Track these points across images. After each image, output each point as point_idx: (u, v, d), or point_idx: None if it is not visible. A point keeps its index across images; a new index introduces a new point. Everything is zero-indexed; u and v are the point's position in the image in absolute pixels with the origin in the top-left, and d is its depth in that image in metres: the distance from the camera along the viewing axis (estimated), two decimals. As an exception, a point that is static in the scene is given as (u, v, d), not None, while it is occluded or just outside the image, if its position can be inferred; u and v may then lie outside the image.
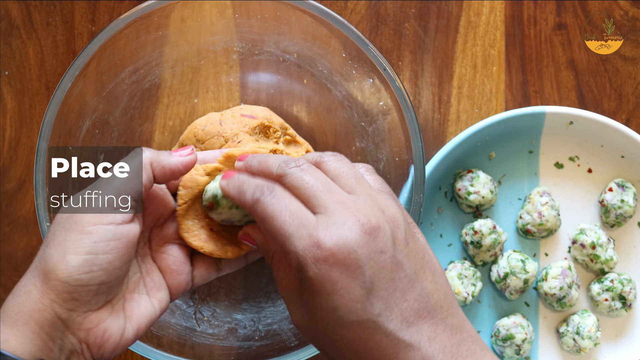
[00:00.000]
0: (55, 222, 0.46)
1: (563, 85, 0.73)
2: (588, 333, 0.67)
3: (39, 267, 0.45)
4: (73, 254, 0.44)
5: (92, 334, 0.45)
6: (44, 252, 0.45)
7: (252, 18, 0.64)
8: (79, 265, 0.44)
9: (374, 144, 0.65)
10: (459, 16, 0.73)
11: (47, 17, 0.72)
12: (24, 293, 0.44)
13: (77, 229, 0.45)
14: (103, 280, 0.45)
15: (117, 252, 0.46)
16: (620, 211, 0.69)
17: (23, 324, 0.43)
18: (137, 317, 0.48)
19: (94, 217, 0.45)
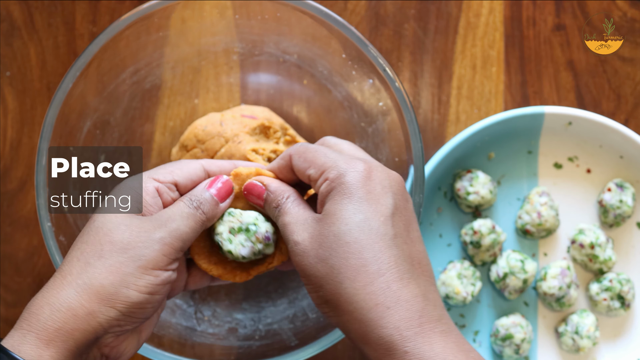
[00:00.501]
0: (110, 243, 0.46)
1: (562, 86, 0.73)
2: (587, 333, 0.67)
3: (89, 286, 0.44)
4: (136, 292, 0.45)
5: (115, 350, 0.46)
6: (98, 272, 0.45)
7: (252, 19, 0.64)
8: (139, 302, 0.45)
9: (374, 144, 0.65)
10: (458, 17, 0.73)
11: (48, 18, 0.72)
12: (67, 309, 0.44)
13: (144, 267, 0.45)
14: (148, 317, 0.47)
15: (166, 294, 0.47)
16: (619, 211, 0.69)
17: (62, 341, 0.43)
18: (146, 326, 0.49)
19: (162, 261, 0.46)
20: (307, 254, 0.46)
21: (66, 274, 0.45)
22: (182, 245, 0.48)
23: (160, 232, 0.47)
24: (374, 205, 0.45)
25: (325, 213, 0.46)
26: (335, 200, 0.45)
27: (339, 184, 0.46)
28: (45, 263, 0.70)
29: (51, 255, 0.56)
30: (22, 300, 0.70)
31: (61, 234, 0.58)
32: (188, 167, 0.52)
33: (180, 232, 0.47)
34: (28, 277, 0.70)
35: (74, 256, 0.46)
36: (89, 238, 0.47)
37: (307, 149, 0.49)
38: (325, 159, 0.47)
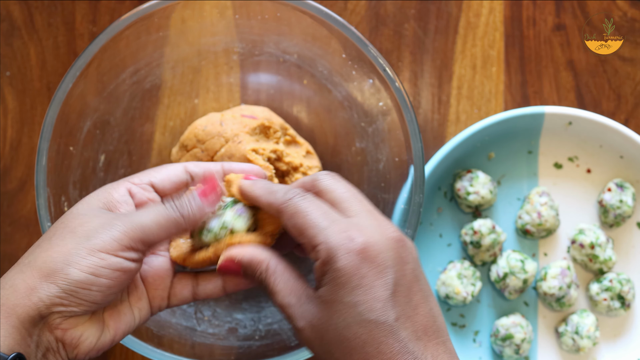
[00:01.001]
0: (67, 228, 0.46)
1: (562, 86, 0.73)
2: (587, 333, 0.67)
3: (34, 265, 0.45)
4: (77, 270, 0.44)
5: (69, 334, 0.45)
6: (45, 252, 0.45)
7: (252, 19, 0.64)
8: (79, 281, 0.44)
9: (374, 144, 0.65)
10: (458, 17, 0.73)
11: (48, 18, 0.72)
12: (9, 287, 0.44)
13: (90, 248, 0.45)
14: (97, 301, 0.45)
15: (118, 281, 0.46)
16: (619, 211, 0.69)
17: (4, 317, 0.43)
18: (117, 323, 0.48)
19: (112, 246, 0.45)
20: (312, 344, 0.45)
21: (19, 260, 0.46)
22: (142, 237, 0.46)
23: (119, 220, 0.46)
24: (369, 291, 0.43)
25: (321, 299, 0.44)
26: (330, 289, 0.44)
27: (331, 269, 0.43)
28: (45, 263, 0.70)
29: (51, 255, 0.56)
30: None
31: (61, 234, 0.58)
32: (167, 169, 0.52)
33: (141, 224, 0.46)
34: (28, 277, 0.70)
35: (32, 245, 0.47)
36: (48, 230, 0.47)
37: (298, 212, 0.45)
38: (315, 231, 0.44)
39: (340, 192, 0.48)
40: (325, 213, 0.45)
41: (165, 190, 0.52)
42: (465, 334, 0.70)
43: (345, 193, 0.48)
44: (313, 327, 0.44)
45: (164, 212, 0.47)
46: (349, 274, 0.43)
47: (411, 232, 0.58)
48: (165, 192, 0.52)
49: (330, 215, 0.45)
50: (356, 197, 0.47)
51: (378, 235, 0.45)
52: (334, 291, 0.43)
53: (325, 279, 0.44)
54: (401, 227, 0.59)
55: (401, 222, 0.60)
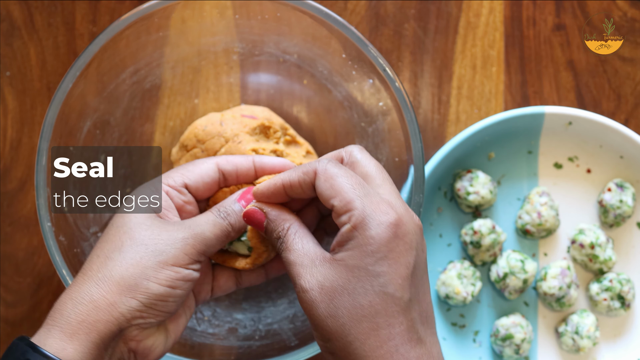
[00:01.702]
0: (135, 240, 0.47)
1: (562, 86, 0.73)
2: (587, 333, 0.67)
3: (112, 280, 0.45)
4: (156, 284, 0.46)
5: (142, 345, 0.47)
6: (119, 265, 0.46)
7: (252, 19, 0.64)
8: (159, 294, 0.46)
9: (374, 144, 0.65)
10: (458, 17, 0.73)
11: (48, 18, 0.72)
12: (88, 302, 0.45)
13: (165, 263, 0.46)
14: (172, 311, 0.47)
15: (188, 291, 0.48)
16: (619, 211, 0.69)
17: (85, 333, 0.44)
18: (176, 327, 0.50)
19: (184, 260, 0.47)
20: (316, 305, 0.44)
21: (87, 270, 0.47)
22: (205, 249, 0.48)
23: (183, 232, 0.48)
24: (393, 266, 0.43)
25: (340, 263, 0.44)
26: (354, 254, 0.44)
27: (361, 235, 0.44)
28: (45, 263, 0.70)
29: (51, 255, 0.56)
30: (22, 300, 0.70)
31: (61, 234, 0.58)
32: (200, 168, 0.53)
33: (204, 237, 0.48)
34: (28, 277, 0.70)
35: (94, 254, 0.48)
36: (109, 237, 0.48)
37: (336, 175, 0.46)
38: (352, 195, 0.45)
39: (373, 168, 0.48)
40: (360, 183, 0.46)
41: (198, 191, 0.53)
42: (465, 334, 0.70)
43: (378, 170, 0.48)
44: (323, 288, 0.44)
45: (219, 223, 0.49)
46: (379, 243, 0.43)
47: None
48: (198, 193, 0.53)
49: (366, 186, 0.46)
50: (387, 177, 0.48)
51: (408, 216, 0.45)
52: (359, 257, 0.43)
53: (351, 244, 0.44)
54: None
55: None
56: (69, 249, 0.58)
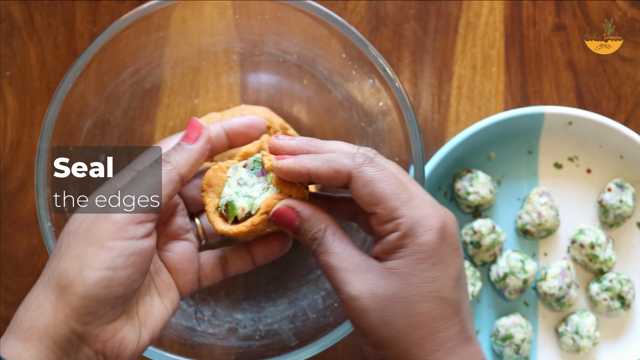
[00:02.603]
0: (70, 233, 0.45)
1: (562, 86, 0.73)
2: (587, 333, 0.67)
3: (52, 280, 0.44)
4: (91, 269, 0.43)
5: (109, 345, 0.44)
6: (57, 265, 0.44)
7: (252, 19, 0.64)
8: (97, 281, 0.43)
9: (374, 144, 0.65)
10: (458, 17, 0.73)
11: (48, 18, 0.72)
12: (36, 307, 0.43)
13: (96, 243, 0.43)
14: (121, 295, 0.44)
15: (136, 267, 0.44)
16: (619, 211, 0.69)
17: (37, 339, 0.42)
18: (152, 321, 0.47)
19: (113, 231, 0.43)
20: (367, 314, 0.43)
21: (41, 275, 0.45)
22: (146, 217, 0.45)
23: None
24: (445, 269, 0.43)
25: (393, 271, 0.43)
26: (407, 262, 0.43)
27: (412, 242, 0.43)
28: (45, 263, 0.70)
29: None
30: (22, 300, 0.69)
31: (61, 234, 0.58)
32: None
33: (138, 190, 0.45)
34: (28, 277, 0.70)
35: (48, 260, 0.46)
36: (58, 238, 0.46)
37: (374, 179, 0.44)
38: (397, 203, 0.43)
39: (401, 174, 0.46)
40: (402, 185, 0.44)
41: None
42: (465, 334, 0.70)
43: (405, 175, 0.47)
44: (376, 296, 0.43)
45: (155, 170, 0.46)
46: (430, 249, 0.43)
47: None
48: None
49: (407, 188, 0.45)
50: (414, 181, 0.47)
51: (448, 216, 0.45)
52: (413, 265, 0.43)
53: (403, 252, 0.43)
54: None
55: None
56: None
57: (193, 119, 0.49)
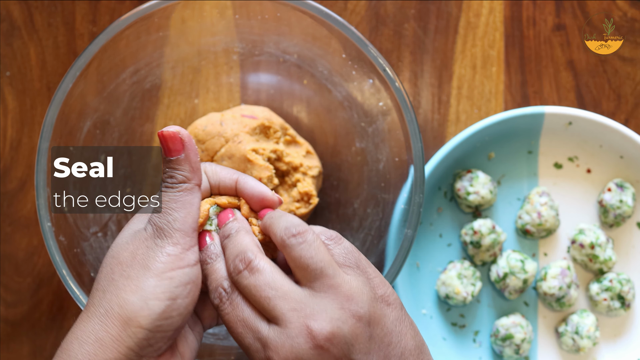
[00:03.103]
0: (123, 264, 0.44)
1: (562, 86, 0.73)
2: (587, 333, 0.67)
3: (112, 312, 0.43)
4: (156, 300, 0.42)
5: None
6: (117, 296, 0.43)
7: (252, 19, 0.64)
8: (162, 312, 0.42)
9: (374, 144, 0.65)
10: (458, 17, 0.73)
11: (48, 18, 0.72)
12: (94, 341, 0.42)
13: (156, 275, 0.43)
14: (179, 325, 0.44)
15: (192, 295, 0.44)
16: (619, 211, 0.69)
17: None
18: (189, 353, 0.47)
19: (170, 261, 0.44)
20: None
21: (89, 305, 0.44)
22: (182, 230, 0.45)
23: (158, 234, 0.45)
24: None
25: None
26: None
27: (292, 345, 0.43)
28: (45, 263, 0.70)
29: (51, 255, 0.56)
30: (22, 300, 0.70)
31: (61, 234, 0.58)
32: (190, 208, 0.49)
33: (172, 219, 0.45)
34: (28, 277, 0.70)
35: (95, 288, 0.45)
36: (103, 267, 0.46)
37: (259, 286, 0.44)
38: (279, 309, 0.43)
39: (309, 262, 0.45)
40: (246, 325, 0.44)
41: None
42: (465, 334, 0.70)
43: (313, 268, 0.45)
44: None
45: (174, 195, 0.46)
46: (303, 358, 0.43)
47: (411, 232, 0.58)
48: None
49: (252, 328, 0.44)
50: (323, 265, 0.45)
51: (300, 347, 0.43)
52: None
53: None
54: (401, 227, 0.59)
55: (401, 222, 0.60)
56: (69, 249, 0.58)
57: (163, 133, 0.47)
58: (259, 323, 0.44)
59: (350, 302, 0.43)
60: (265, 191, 0.49)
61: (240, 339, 0.44)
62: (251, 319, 0.44)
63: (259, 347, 0.43)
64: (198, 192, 0.47)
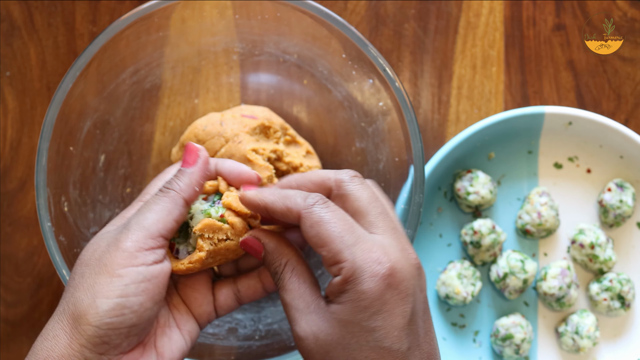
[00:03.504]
0: (83, 264, 0.45)
1: (562, 86, 0.73)
2: (587, 333, 0.67)
3: (67, 311, 0.44)
4: (103, 298, 0.43)
5: None
6: (72, 295, 0.44)
7: (252, 19, 0.64)
8: (110, 309, 0.43)
9: (374, 144, 0.65)
10: (458, 17, 0.73)
11: (48, 18, 0.72)
12: (52, 337, 0.43)
13: (107, 272, 0.43)
14: (134, 323, 0.44)
15: (148, 294, 0.44)
16: (619, 211, 0.69)
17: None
18: (169, 353, 0.47)
19: (124, 259, 0.44)
20: (312, 356, 0.44)
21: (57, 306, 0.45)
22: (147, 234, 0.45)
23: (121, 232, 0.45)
24: (389, 318, 0.42)
25: (333, 316, 0.43)
26: (346, 308, 0.42)
27: (353, 289, 0.42)
28: (45, 263, 0.70)
29: (51, 255, 0.56)
30: (22, 300, 0.70)
31: (61, 234, 0.58)
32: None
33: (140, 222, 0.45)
34: (28, 277, 0.70)
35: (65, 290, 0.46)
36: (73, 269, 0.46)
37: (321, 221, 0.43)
38: (341, 246, 0.43)
39: (365, 202, 0.45)
40: (350, 227, 0.44)
41: None
42: (465, 334, 0.70)
43: (372, 204, 0.45)
44: (318, 340, 0.43)
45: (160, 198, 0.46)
46: (372, 298, 0.42)
47: (411, 232, 0.58)
48: None
49: (356, 231, 0.44)
50: (383, 211, 0.46)
51: (403, 260, 0.43)
52: (352, 313, 0.42)
53: (344, 297, 0.43)
54: (401, 227, 0.59)
55: (401, 222, 0.60)
56: (69, 249, 0.58)
57: (189, 144, 0.50)
58: (360, 228, 0.44)
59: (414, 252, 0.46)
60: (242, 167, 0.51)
61: (343, 237, 0.43)
62: (352, 221, 0.44)
63: (364, 247, 0.43)
64: (182, 207, 0.47)
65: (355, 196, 0.46)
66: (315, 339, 0.43)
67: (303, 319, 0.44)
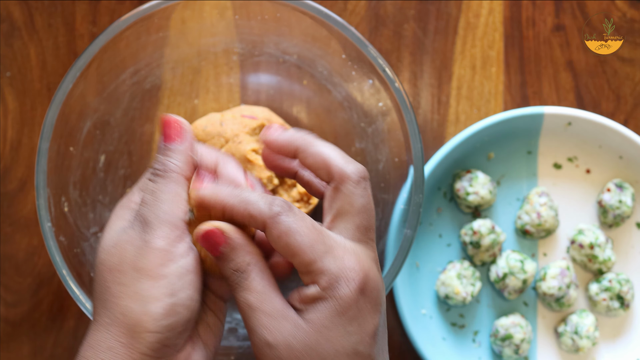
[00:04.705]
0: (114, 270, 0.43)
1: (562, 86, 0.73)
2: (586, 333, 0.67)
3: (116, 321, 0.42)
4: (154, 302, 0.41)
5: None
6: (117, 305, 0.42)
7: (252, 19, 0.64)
8: (165, 312, 0.41)
9: (374, 144, 0.65)
10: (457, 17, 0.73)
11: (48, 19, 0.72)
12: (106, 349, 0.41)
13: (149, 276, 0.42)
14: (188, 318, 0.42)
15: (193, 285, 0.43)
16: (618, 211, 0.69)
17: None
18: (212, 338, 0.46)
19: (161, 258, 0.42)
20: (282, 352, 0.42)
21: (95, 316, 0.43)
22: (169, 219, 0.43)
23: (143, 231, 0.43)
24: (363, 325, 0.42)
25: (310, 324, 0.42)
26: (323, 315, 0.42)
27: (331, 296, 0.42)
28: (45, 263, 0.70)
29: (51, 255, 0.56)
30: (22, 300, 0.70)
31: (61, 234, 0.58)
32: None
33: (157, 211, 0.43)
34: (28, 277, 0.70)
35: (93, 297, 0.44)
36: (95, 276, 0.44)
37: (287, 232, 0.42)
38: (312, 256, 0.42)
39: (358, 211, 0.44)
40: (319, 236, 0.42)
41: None
42: (465, 334, 0.70)
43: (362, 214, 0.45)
44: (291, 348, 0.42)
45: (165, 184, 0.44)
46: (349, 303, 0.42)
47: (411, 232, 0.58)
48: None
49: (326, 239, 0.43)
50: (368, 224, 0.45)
51: (375, 270, 0.43)
52: (329, 318, 0.42)
53: (321, 304, 0.42)
54: (401, 227, 0.59)
55: (401, 222, 0.60)
56: (69, 249, 0.59)
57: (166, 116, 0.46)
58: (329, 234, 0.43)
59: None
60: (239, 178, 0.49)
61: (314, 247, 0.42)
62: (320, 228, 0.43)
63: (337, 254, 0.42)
64: (186, 186, 0.45)
65: (351, 200, 0.45)
66: (288, 347, 0.42)
67: (273, 325, 0.42)
